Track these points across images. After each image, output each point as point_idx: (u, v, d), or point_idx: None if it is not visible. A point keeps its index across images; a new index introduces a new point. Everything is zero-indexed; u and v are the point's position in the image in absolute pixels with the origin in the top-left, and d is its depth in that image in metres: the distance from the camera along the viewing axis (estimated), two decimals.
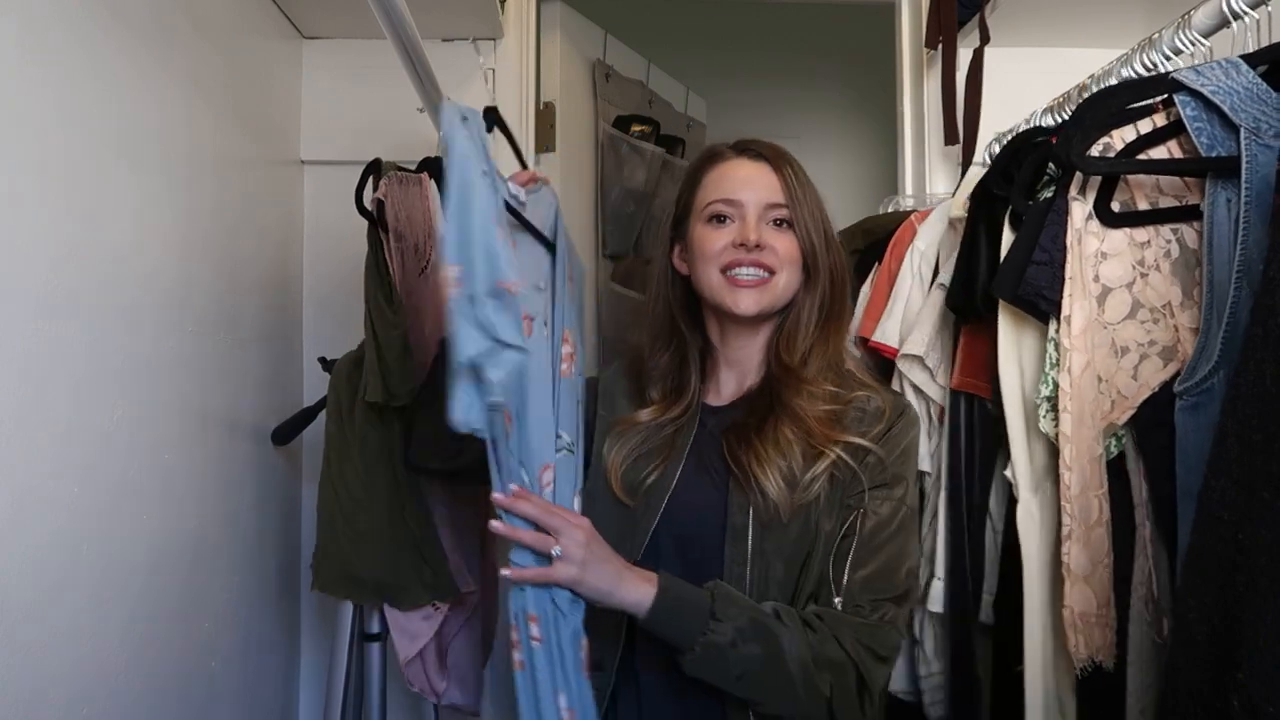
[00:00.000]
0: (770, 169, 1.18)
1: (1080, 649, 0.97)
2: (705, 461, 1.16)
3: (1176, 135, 0.94)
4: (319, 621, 1.84)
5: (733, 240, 1.15)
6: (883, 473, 1.12)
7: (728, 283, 1.16)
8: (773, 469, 1.09)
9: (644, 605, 1.02)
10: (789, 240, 1.17)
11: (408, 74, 1.33)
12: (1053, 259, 0.97)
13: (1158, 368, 0.95)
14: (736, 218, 1.17)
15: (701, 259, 1.18)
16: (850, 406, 1.14)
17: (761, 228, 1.16)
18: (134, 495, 1.17)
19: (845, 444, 1.10)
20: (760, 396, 1.18)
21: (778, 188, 1.17)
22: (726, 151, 1.22)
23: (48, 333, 1.00)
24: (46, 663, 0.99)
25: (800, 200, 1.17)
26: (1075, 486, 0.95)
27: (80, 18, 1.07)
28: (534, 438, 1.08)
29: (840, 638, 1.04)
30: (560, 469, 1.11)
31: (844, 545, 1.09)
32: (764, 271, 1.15)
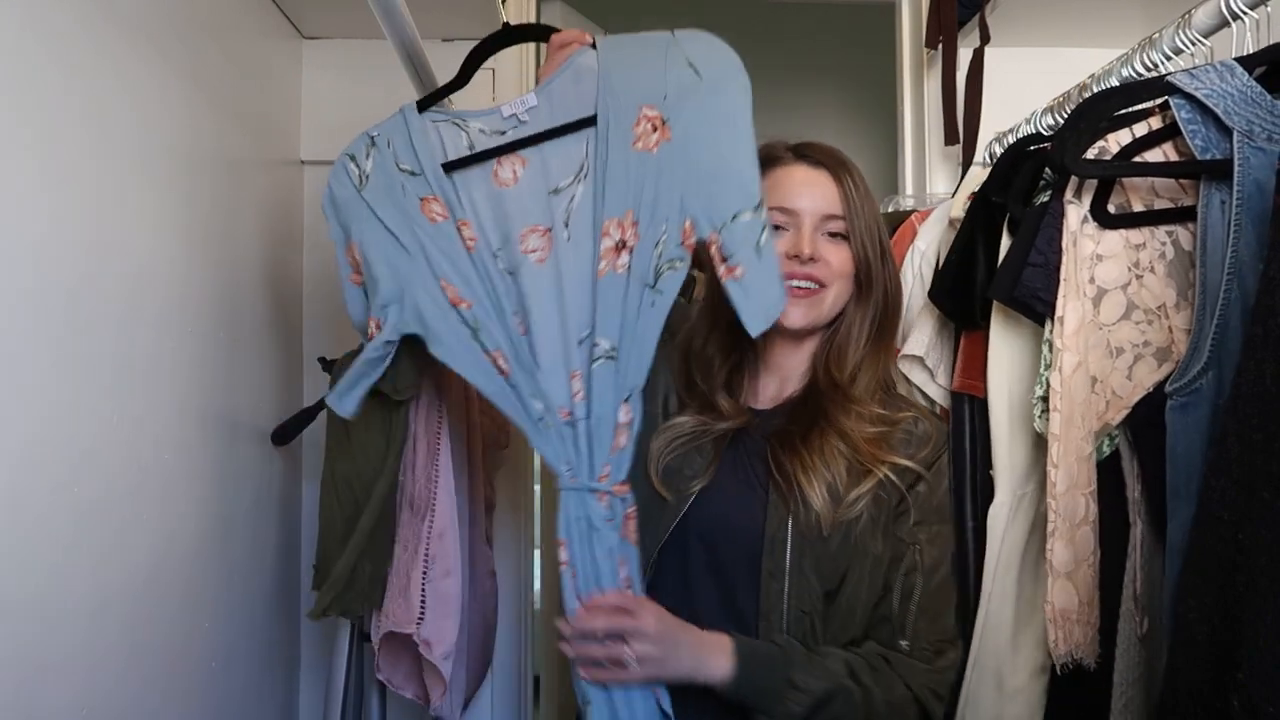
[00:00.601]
0: (830, 177, 1.15)
1: (1059, 645, 0.98)
2: (742, 462, 1.15)
3: (1172, 138, 0.95)
4: (319, 622, 1.84)
5: (786, 251, 1.13)
6: (932, 507, 1.12)
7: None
8: (818, 479, 1.07)
9: (723, 679, 1.02)
10: (843, 252, 1.14)
11: (408, 74, 1.33)
12: (1048, 261, 0.98)
13: (1152, 368, 0.96)
14: (791, 226, 1.14)
15: None
16: (898, 429, 1.13)
17: (816, 239, 1.13)
18: (133, 495, 1.17)
19: (893, 465, 1.10)
20: (803, 406, 1.16)
21: (836, 198, 1.14)
22: (785, 155, 1.18)
23: (47, 332, 1.00)
24: (46, 663, 0.99)
25: (858, 212, 1.14)
26: (1061, 484, 0.97)
27: (78, 19, 1.07)
28: (544, 357, 1.09)
29: (910, 684, 1.06)
30: (596, 377, 1.08)
31: (907, 584, 1.09)
32: (814, 284, 1.13)
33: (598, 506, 1.05)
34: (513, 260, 1.14)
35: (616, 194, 1.09)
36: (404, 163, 1.17)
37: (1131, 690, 0.97)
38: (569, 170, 1.13)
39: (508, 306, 1.13)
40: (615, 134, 1.10)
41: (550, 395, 1.09)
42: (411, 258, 1.15)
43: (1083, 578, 0.98)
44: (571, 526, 1.06)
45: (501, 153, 1.15)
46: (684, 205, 1.07)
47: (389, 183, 1.17)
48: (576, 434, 1.08)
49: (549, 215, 1.12)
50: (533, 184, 1.13)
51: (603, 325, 1.08)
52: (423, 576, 1.45)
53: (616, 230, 1.09)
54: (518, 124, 1.15)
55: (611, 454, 1.07)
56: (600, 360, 1.08)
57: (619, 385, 1.08)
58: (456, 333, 1.13)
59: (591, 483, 1.06)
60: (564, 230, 1.12)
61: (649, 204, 1.08)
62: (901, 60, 2.04)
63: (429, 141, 1.17)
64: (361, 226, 1.18)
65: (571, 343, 1.10)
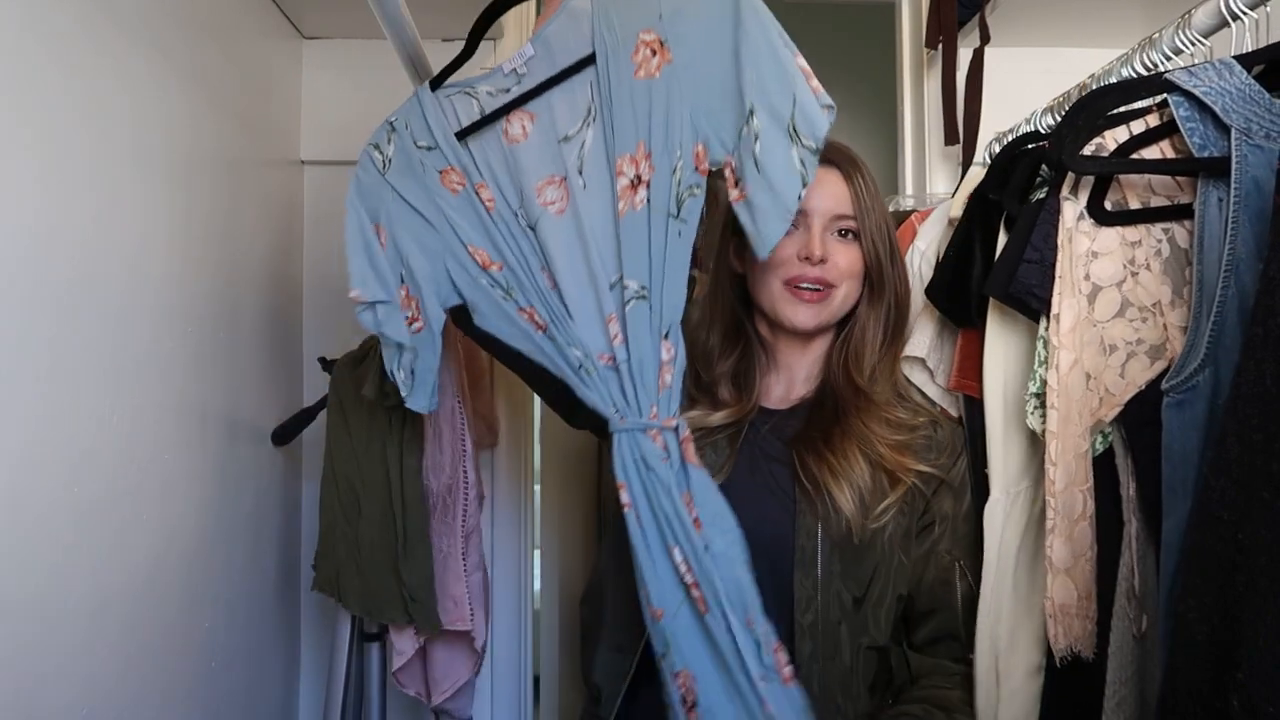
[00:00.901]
0: (840, 177, 1.14)
1: (1059, 639, 0.99)
2: (760, 464, 1.13)
3: (1169, 135, 0.95)
4: (319, 621, 1.84)
5: (797, 252, 1.11)
6: (962, 516, 1.12)
7: (789, 294, 1.13)
8: (847, 485, 1.07)
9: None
10: (853, 252, 1.13)
11: (408, 74, 1.33)
12: (1044, 258, 0.98)
13: (1145, 366, 0.96)
14: (801, 226, 1.12)
15: (762, 267, 1.13)
16: (918, 434, 1.12)
17: (826, 239, 1.12)
18: (133, 495, 1.17)
19: (919, 473, 1.09)
20: (819, 409, 1.15)
21: (847, 198, 1.13)
22: None
23: (47, 333, 1.00)
24: (46, 663, 0.99)
25: (868, 210, 1.13)
26: (1060, 482, 0.97)
27: (79, 19, 1.07)
28: (575, 307, 1.09)
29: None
30: (631, 319, 1.07)
31: (967, 597, 1.10)
32: (824, 285, 1.12)
33: (652, 445, 1.04)
34: (532, 215, 1.13)
35: (625, 128, 1.07)
36: (420, 140, 1.18)
37: (1124, 689, 0.97)
38: (577, 116, 1.11)
39: (534, 262, 1.13)
40: (616, 68, 1.07)
41: (587, 343, 1.09)
42: (438, 232, 1.16)
43: (1081, 572, 0.99)
44: (629, 468, 1.04)
45: (508, 110, 1.14)
46: (695, 128, 1.04)
47: (409, 161, 1.19)
48: (620, 377, 1.07)
49: (562, 164, 1.11)
50: (543, 136, 1.13)
51: (630, 266, 1.06)
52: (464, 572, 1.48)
53: (630, 166, 1.07)
54: (518, 78, 1.14)
55: (659, 393, 1.05)
56: (633, 301, 1.06)
57: (654, 323, 1.06)
58: (490, 298, 1.14)
59: (643, 421, 1.05)
60: (579, 178, 1.10)
61: (659, 132, 1.05)
62: (901, 60, 2.03)
63: (442, 115, 1.18)
64: (388, 209, 1.19)
65: (603, 288, 1.09)
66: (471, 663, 1.55)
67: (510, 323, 1.14)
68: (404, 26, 1.24)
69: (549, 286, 1.12)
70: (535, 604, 2.04)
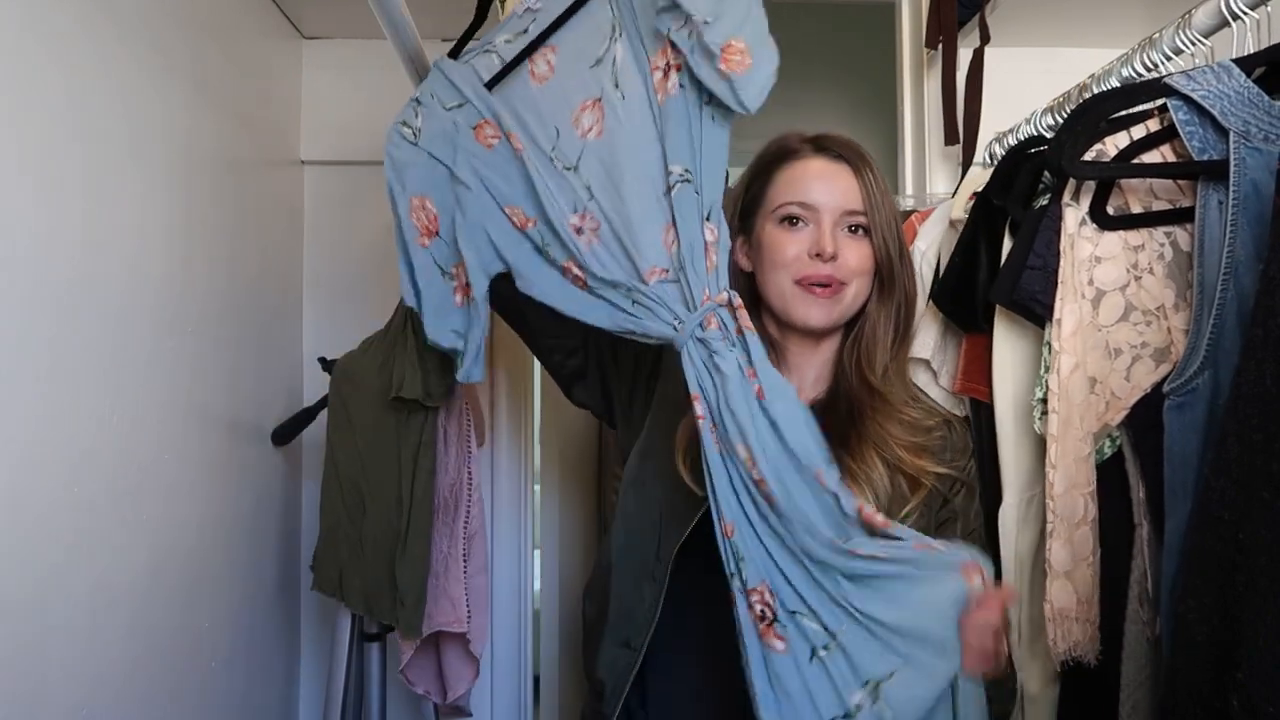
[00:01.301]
0: (850, 171, 1.12)
1: (1059, 643, 0.99)
2: None
3: (1170, 140, 0.95)
4: (319, 621, 1.84)
5: (807, 249, 1.10)
6: (973, 511, 1.11)
7: (801, 292, 1.10)
8: (869, 489, 1.05)
9: None
10: (863, 249, 1.11)
11: (408, 74, 1.33)
12: (1046, 264, 0.98)
13: (1149, 369, 0.97)
14: (811, 222, 1.10)
15: (772, 265, 1.12)
16: (933, 435, 1.11)
17: (837, 235, 1.10)
18: (134, 495, 1.17)
19: (937, 474, 1.08)
20: (833, 412, 1.12)
21: (857, 193, 1.11)
22: (803, 147, 1.14)
23: (48, 333, 1.00)
24: (47, 663, 0.99)
25: (878, 206, 1.11)
26: (1060, 485, 0.97)
27: (78, 19, 1.07)
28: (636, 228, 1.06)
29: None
30: (679, 201, 1.04)
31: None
32: (834, 283, 1.10)
33: (712, 333, 1.01)
34: (570, 155, 1.11)
35: (650, 31, 1.06)
36: (449, 102, 1.18)
37: (1139, 692, 0.97)
38: (602, 36, 1.10)
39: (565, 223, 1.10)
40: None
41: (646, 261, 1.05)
42: (475, 195, 1.16)
43: (1081, 577, 0.99)
44: (702, 378, 1.01)
45: (530, 51, 1.14)
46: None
47: (441, 126, 1.19)
48: (680, 284, 1.04)
49: (597, 87, 1.10)
50: (571, 66, 1.12)
51: (673, 151, 1.05)
52: (463, 575, 1.48)
53: (661, 58, 1.05)
54: (533, 15, 1.14)
55: (708, 274, 1.03)
56: (678, 185, 1.04)
57: (699, 206, 1.04)
58: (531, 260, 1.13)
59: (699, 312, 1.02)
60: (615, 91, 1.08)
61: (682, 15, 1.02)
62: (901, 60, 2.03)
63: (466, 74, 1.18)
64: (424, 175, 1.19)
65: (653, 199, 1.06)
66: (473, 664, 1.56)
67: (555, 283, 1.12)
68: (404, 26, 1.24)
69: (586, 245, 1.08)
70: (535, 604, 2.04)
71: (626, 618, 1.12)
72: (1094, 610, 0.99)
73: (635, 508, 1.16)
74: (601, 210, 1.08)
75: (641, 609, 1.10)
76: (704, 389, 1.01)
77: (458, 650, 1.53)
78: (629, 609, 1.11)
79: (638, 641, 1.10)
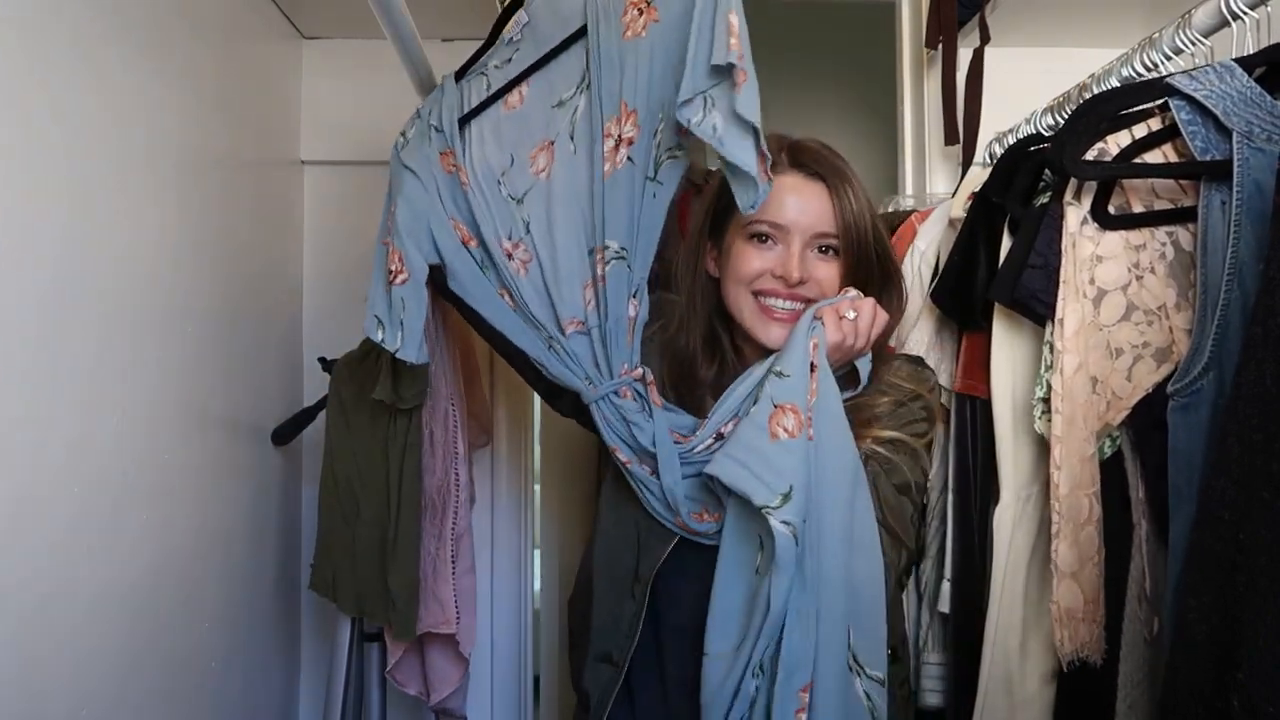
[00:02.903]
0: (825, 191, 1.07)
1: (1065, 644, 0.99)
2: None
3: (1172, 139, 0.95)
4: (319, 621, 1.84)
5: (772, 269, 1.07)
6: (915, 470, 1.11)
7: (760, 311, 1.08)
8: None
9: None
10: (833, 269, 1.08)
11: (408, 74, 1.33)
12: (1047, 263, 0.98)
13: (1151, 369, 0.97)
14: (780, 242, 1.07)
15: (735, 278, 1.09)
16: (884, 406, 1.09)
17: (806, 257, 1.07)
18: (134, 496, 1.17)
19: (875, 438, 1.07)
20: None
21: (830, 215, 1.06)
22: (779, 158, 1.08)
23: (47, 334, 1.00)
24: (47, 664, 0.99)
25: (853, 225, 1.06)
26: (1064, 486, 0.97)
27: (80, 19, 1.07)
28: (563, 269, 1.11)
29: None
30: (611, 279, 1.07)
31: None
32: (800, 304, 1.07)
33: (628, 405, 1.08)
34: (519, 186, 1.15)
35: (612, 91, 1.06)
36: (434, 119, 1.22)
37: (1136, 692, 0.97)
38: (571, 82, 1.12)
39: (499, 246, 1.15)
40: (606, 31, 1.06)
41: (565, 310, 1.11)
42: (429, 195, 1.19)
43: (1088, 577, 0.99)
44: (615, 429, 1.10)
45: (506, 91, 1.17)
46: (678, 87, 0.97)
47: (420, 139, 1.23)
48: (593, 341, 1.10)
49: (554, 128, 1.12)
50: (538, 100, 1.15)
51: (612, 226, 1.06)
52: (451, 575, 1.48)
53: (615, 127, 1.06)
54: (515, 47, 1.17)
55: (628, 349, 1.09)
56: (613, 262, 1.07)
57: (630, 282, 1.07)
58: (469, 267, 1.18)
59: (613, 382, 1.09)
60: (569, 143, 1.11)
61: (643, 91, 1.03)
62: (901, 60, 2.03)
63: (456, 100, 1.22)
64: (400, 182, 1.22)
65: (583, 255, 1.10)
66: (463, 665, 1.55)
67: (487, 295, 1.17)
68: (404, 26, 1.24)
69: (518, 272, 1.14)
70: (535, 604, 2.04)
71: (608, 633, 1.12)
72: (1100, 610, 0.99)
73: (613, 526, 1.16)
74: (534, 249, 1.13)
75: (622, 626, 1.10)
76: (621, 437, 1.09)
77: (444, 651, 1.53)
78: (610, 624, 1.12)
79: (620, 658, 1.11)
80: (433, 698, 1.54)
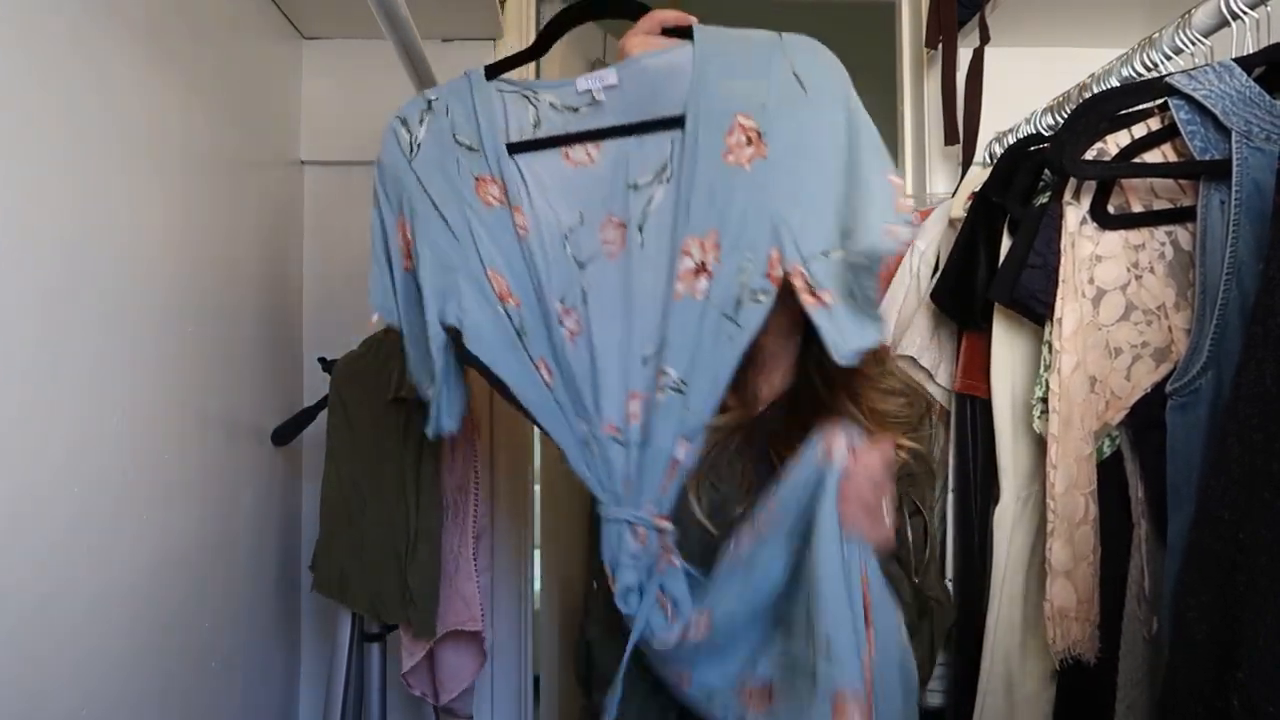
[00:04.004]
0: None
1: (1058, 642, 0.99)
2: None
3: (1171, 139, 0.96)
4: (319, 621, 1.84)
5: None
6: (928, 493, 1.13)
7: None
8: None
9: None
10: None
11: (408, 74, 1.33)
12: (1046, 262, 0.99)
13: (1150, 369, 0.97)
14: None
15: None
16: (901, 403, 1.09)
17: None
18: (134, 496, 1.17)
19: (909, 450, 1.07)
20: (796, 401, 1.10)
21: None
22: None
23: (47, 334, 1.00)
24: (47, 664, 0.99)
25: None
26: (1060, 485, 0.97)
27: (79, 19, 1.07)
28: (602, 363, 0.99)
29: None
30: (661, 409, 0.96)
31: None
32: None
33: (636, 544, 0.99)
34: (586, 248, 1.01)
35: (701, 209, 0.95)
36: (462, 135, 1.03)
37: (1135, 691, 0.97)
38: (649, 167, 0.99)
39: (553, 307, 1.00)
40: (706, 140, 0.96)
41: (603, 408, 1.00)
42: (459, 242, 1.02)
43: (1082, 576, 0.99)
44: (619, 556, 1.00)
45: (571, 141, 1.01)
46: (774, 232, 0.93)
47: (442, 155, 1.03)
48: (628, 460, 0.99)
49: (626, 209, 1.00)
50: (611, 168, 1.01)
51: (674, 353, 0.96)
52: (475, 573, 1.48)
53: (698, 250, 0.96)
54: (592, 102, 1.00)
55: (661, 492, 0.98)
56: (667, 393, 0.96)
57: (683, 420, 0.97)
58: (501, 329, 1.01)
59: (634, 513, 0.99)
60: (638, 235, 0.99)
61: (735, 225, 0.94)
62: (901, 60, 2.03)
63: (493, 115, 1.03)
64: (412, 202, 1.03)
65: (634, 358, 0.99)
66: (477, 664, 1.56)
67: (519, 364, 1.02)
68: (404, 26, 1.24)
69: (567, 340, 1.00)
70: (535, 604, 2.04)
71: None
72: (1094, 609, 1.00)
73: None
74: (588, 323, 1.01)
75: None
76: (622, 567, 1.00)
77: (459, 650, 1.53)
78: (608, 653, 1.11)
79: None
80: (442, 698, 1.55)
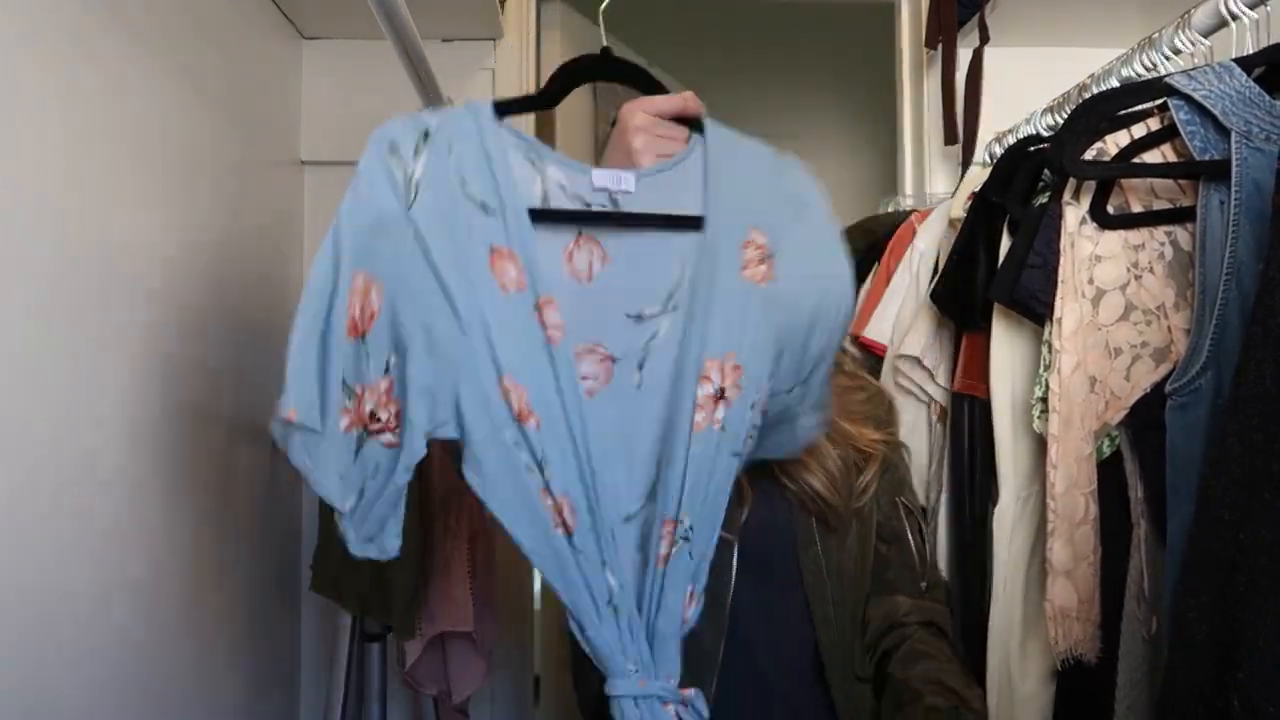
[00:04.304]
0: None
1: (1059, 642, 0.99)
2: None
3: (1170, 139, 0.96)
4: (319, 621, 1.84)
5: None
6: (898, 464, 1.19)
7: None
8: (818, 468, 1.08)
9: None
10: None
11: (408, 74, 1.33)
12: (1046, 262, 0.99)
13: (1149, 369, 0.97)
14: None
15: None
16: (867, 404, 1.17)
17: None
18: (134, 495, 1.17)
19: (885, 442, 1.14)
20: None
21: None
22: None
23: (47, 334, 1.00)
24: (47, 664, 0.99)
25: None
26: (1060, 485, 0.97)
27: (79, 19, 1.07)
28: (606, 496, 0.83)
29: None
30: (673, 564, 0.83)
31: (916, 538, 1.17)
32: None
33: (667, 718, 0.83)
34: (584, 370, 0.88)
35: (720, 328, 0.84)
36: (475, 189, 0.81)
37: (1135, 692, 0.97)
38: (658, 293, 0.86)
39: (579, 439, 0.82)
40: (725, 251, 0.86)
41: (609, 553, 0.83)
42: (464, 332, 0.79)
43: (1082, 575, 0.99)
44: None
45: (590, 221, 0.85)
46: (775, 364, 0.87)
47: (450, 209, 0.81)
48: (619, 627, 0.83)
49: (621, 343, 0.85)
50: (612, 292, 0.85)
51: (692, 496, 0.83)
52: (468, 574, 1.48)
53: (717, 375, 0.83)
54: (609, 198, 0.86)
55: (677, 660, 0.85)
56: (679, 544, 0.83)
57: (690, 573, 0.85)
58: (508, 457, 0.80)
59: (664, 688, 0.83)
60: (635, 373, 0.85)
61: (750, 350, 0.85)
62: (901, 60, 2.04)
63: (510, 169, 0.83)
64: (395, 259, 0.80)
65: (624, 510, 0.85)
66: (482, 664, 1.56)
67: (525, 504, 0.81)
68: (404, 27, 1.24)
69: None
70: (535, 604, 2.04)
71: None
72: (1095, 609, 0.99)
73: None
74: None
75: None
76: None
77: (464, 650, 1.53)
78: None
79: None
80: (454, 697, 1.55)
